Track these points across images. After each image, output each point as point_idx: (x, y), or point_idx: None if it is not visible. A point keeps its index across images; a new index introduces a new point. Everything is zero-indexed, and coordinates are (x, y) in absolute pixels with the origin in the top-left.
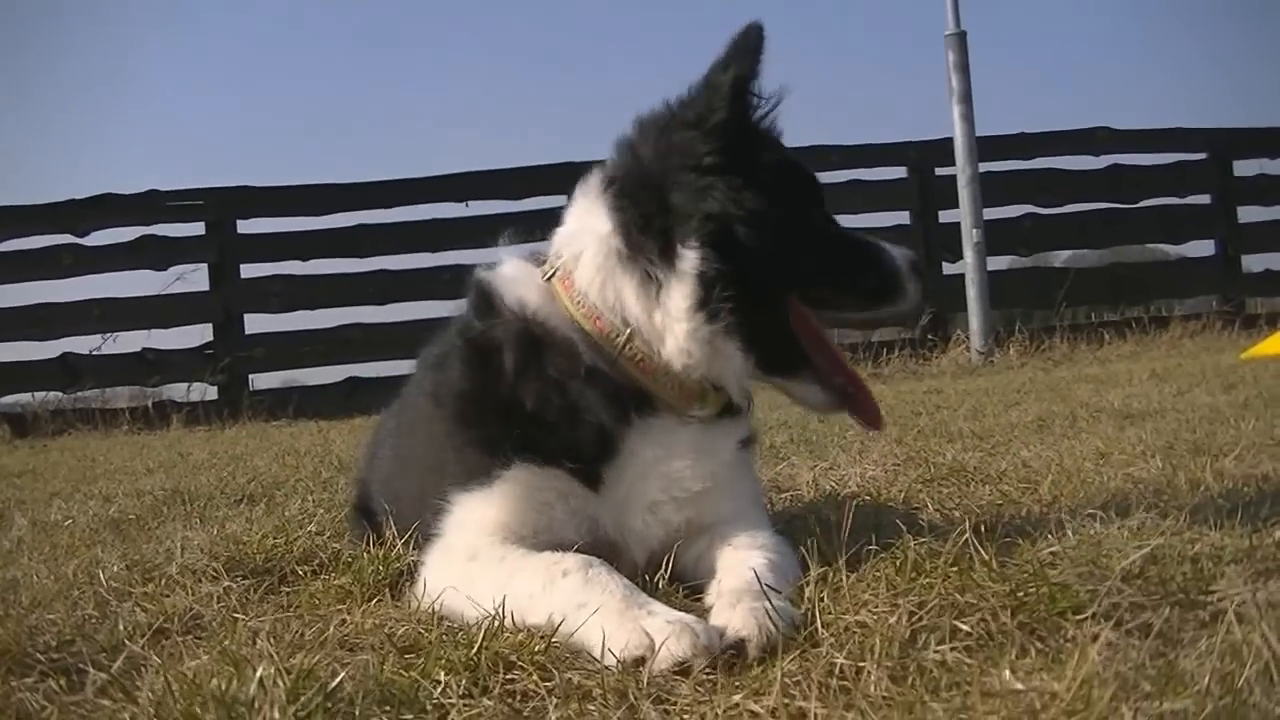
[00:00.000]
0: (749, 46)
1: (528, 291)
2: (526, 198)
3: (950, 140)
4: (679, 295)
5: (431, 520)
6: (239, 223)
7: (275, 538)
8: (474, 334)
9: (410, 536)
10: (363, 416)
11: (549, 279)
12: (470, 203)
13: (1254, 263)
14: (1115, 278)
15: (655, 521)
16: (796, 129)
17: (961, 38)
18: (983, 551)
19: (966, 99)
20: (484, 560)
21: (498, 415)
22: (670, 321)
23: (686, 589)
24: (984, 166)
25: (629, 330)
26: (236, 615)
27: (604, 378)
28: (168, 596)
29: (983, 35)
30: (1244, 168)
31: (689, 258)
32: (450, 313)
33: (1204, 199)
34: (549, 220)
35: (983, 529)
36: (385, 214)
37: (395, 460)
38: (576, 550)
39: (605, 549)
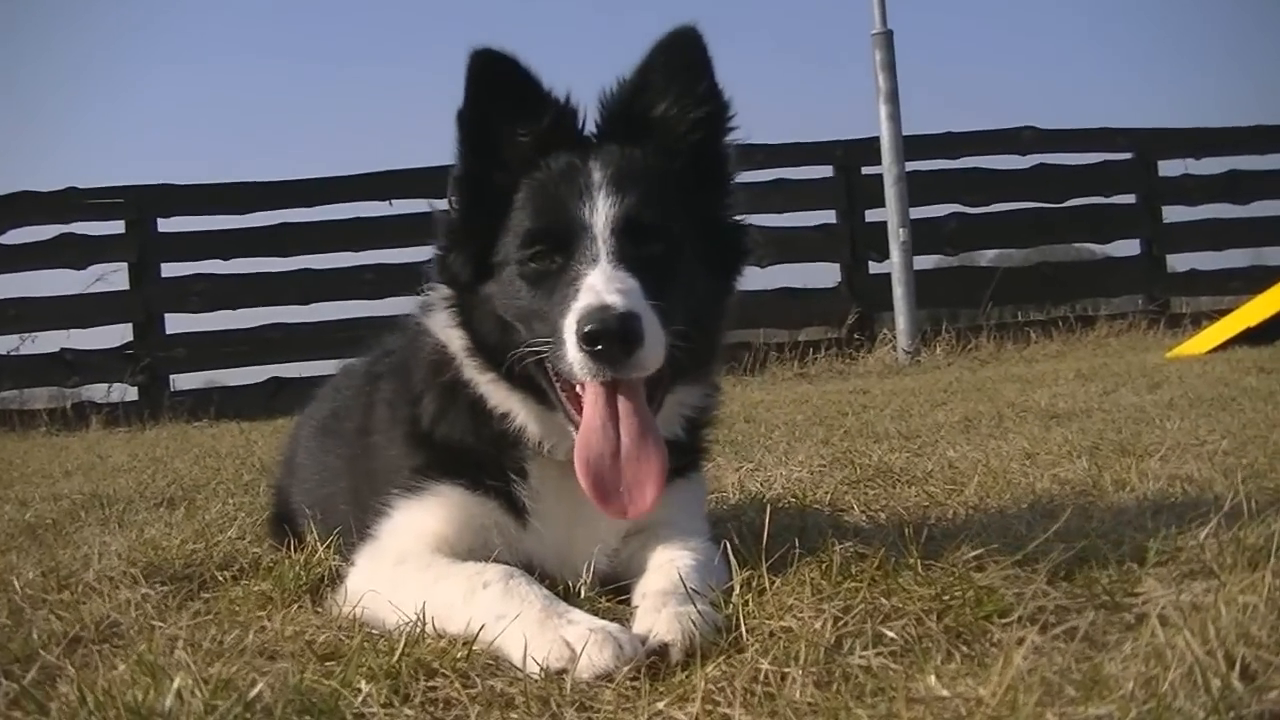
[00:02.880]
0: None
1: (444, 335)
2: None
3: (877, 139)
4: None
5: (366, 522)
6: (159, 221)
7: (195, 543)
8: (406, 363)
9: (333, 542)
10: (286, 418)
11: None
12: (394, 201)
13: (1178, 262)
14: (1041, 277)
15: (602, 556)
16: None
17: (888, 36)
18: (909, 555)
19: (893, 98)
20: (411, 565)
21: (434, 443)
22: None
23: (612, 590)
24: (910, 165)
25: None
26: (154, 623)
27: (490, 412)
28: (84, 604)
29: (909, 34)
30: (1169, 168)
31: None
32: (375, 314)
33: (1129, 199)
34: None
35: (909, 532)
36: (308, 212)
37: (323, 466)
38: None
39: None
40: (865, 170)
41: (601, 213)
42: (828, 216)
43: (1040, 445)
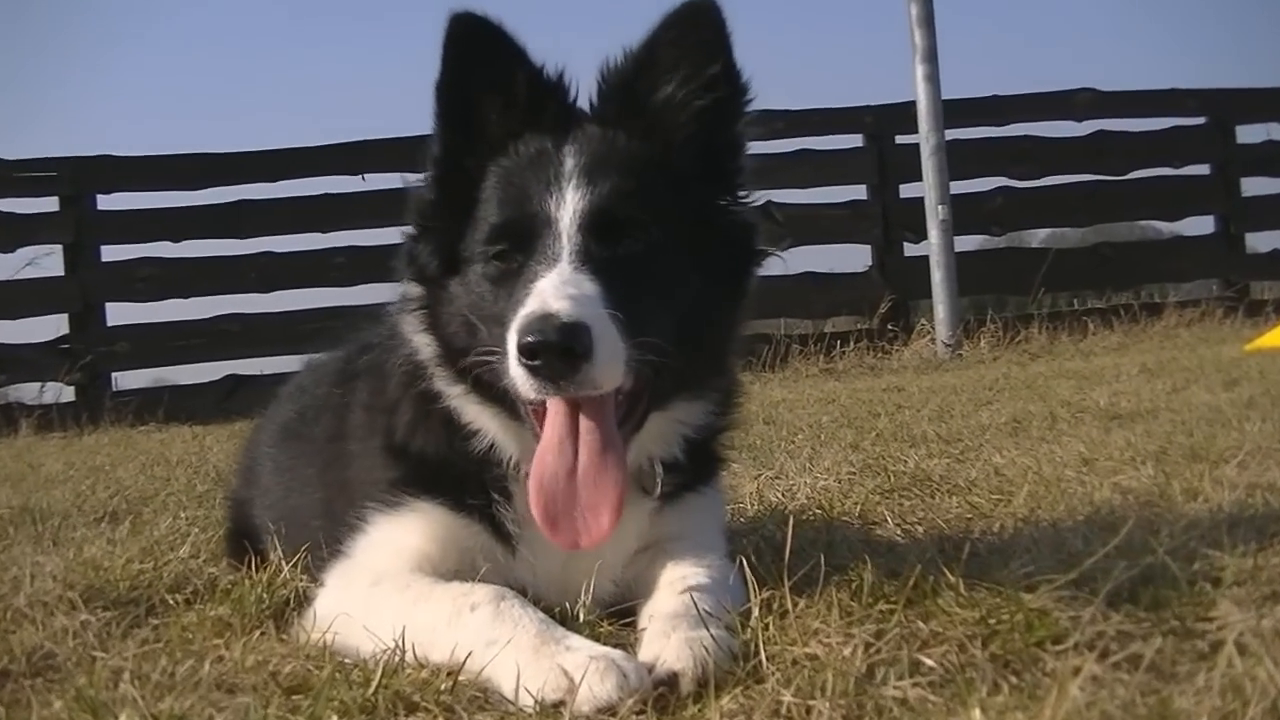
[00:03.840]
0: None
1: (415, 340)
2: None
3: (913, 104)
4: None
5: (338, 538)
6: (99, 197)
7: (142, 562)
8: (383, 364)
9: (300, 560)
10: (244, 420)
11: None
12: (367, 176)
13: (1259, 241)
14: (1100, 259)
15: (604, 582)
16: None
17: None
18: (949, 573)
19: (931, 57)
20: (387, 586)
21: (411, 457)
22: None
23: (615, 613)
24: (951, 134)
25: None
26: (95, 653)
27: (465, 426)
28: (14, 633)
29: None
30: (1248, 133)
31: None
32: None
33: (1202, 169)
34: None
35: (949, 547)
36: (270, 188)
37: (289, 475)
38: None
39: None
40: (899, 139)
41: (569, 205)
42: (857, 192)
43: (1099, 450)
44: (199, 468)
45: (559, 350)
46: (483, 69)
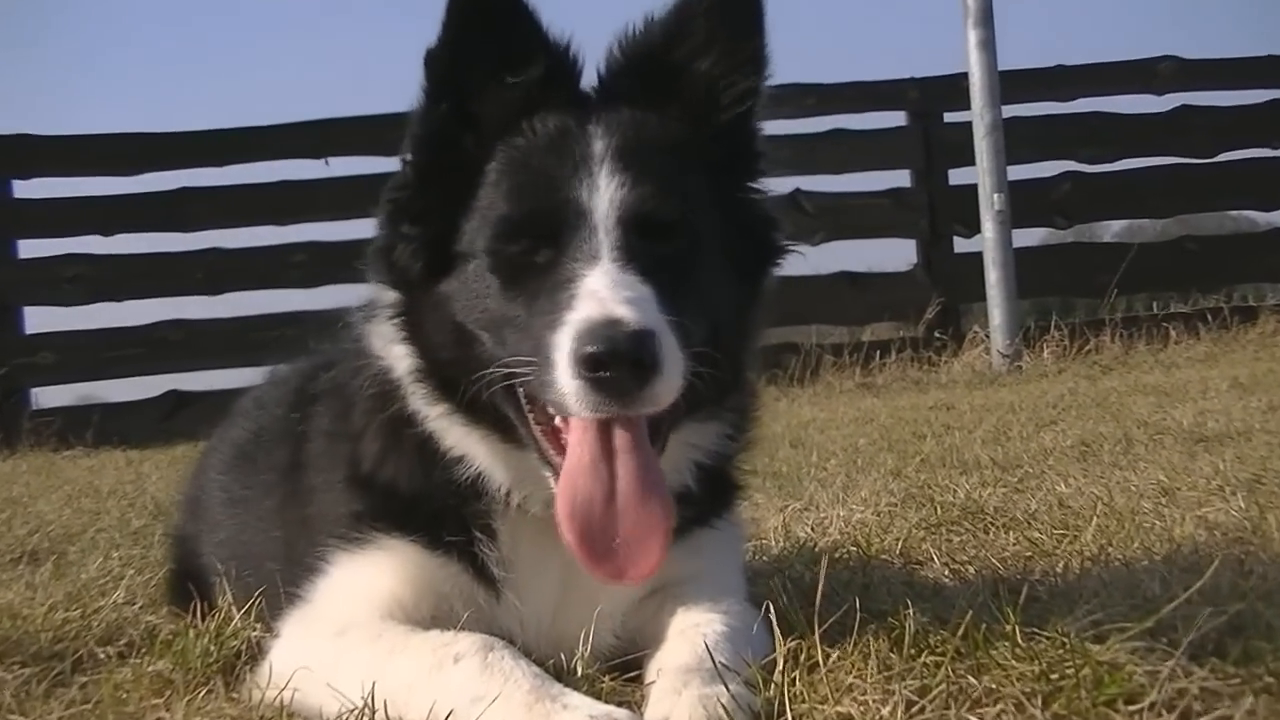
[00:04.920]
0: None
1: (388, 354)
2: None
3: (964, 76)
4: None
5: (297, 580)
6: (15, 183)
7: (68, 610)
8: (345, 384)
9: (254, 607)
10: (189, 444)
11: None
12: (331, 159)
13: None
14: (1184, 255)
15: (603, 633)
16: None
17: None
18: (1005, 620)
19: (986, 20)
20: (355, 636)
21: (379, 490)
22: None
23: (619, 665)
24: (1009, 110)
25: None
26: (13, 716)
27: (434, 446)
28: None
29: None
30: None
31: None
32: (308, 307)
33: None
34: None
35: (1005, 590)
36: (218, 174)
37: (240, 509)
38: None
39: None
40: (949, 117)
41: (604, 195)
42: (899, 178)
43: (1181, 478)
44: (135, 499)
45: (631, 362)
46: (490, 34)
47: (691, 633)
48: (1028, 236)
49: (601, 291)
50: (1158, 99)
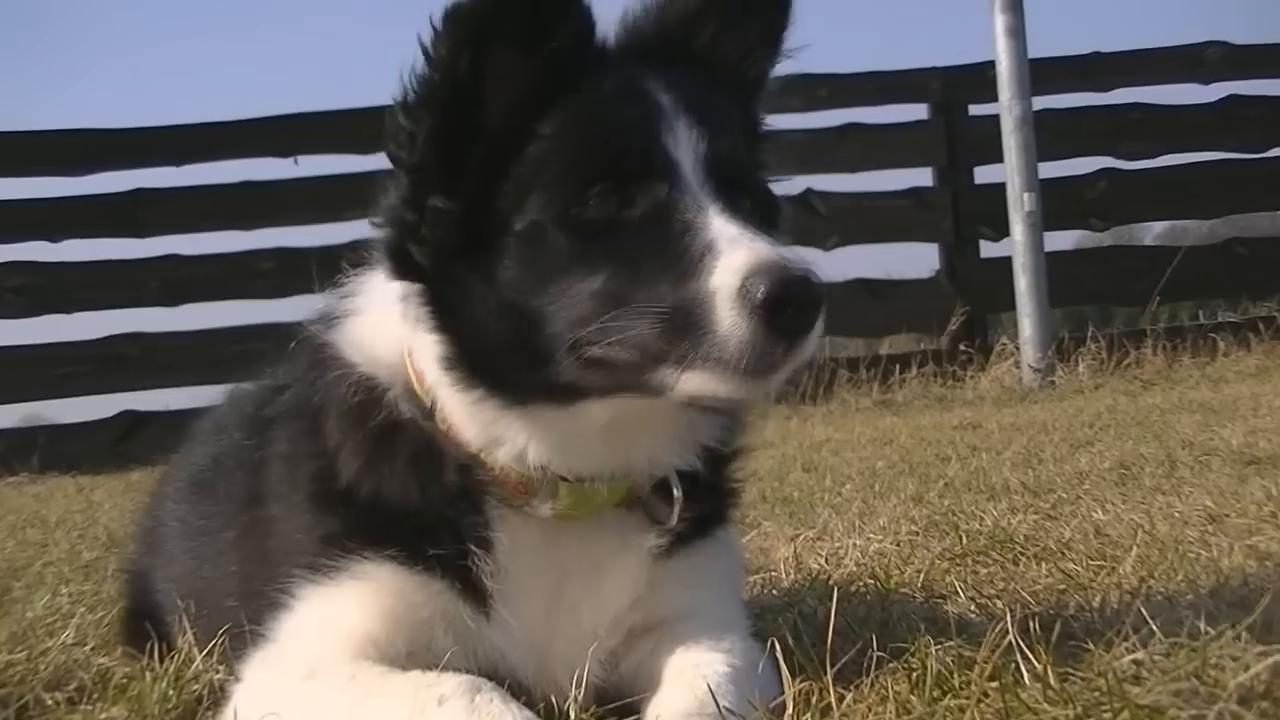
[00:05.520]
0: None
1: (372, 347)
2: (380, 150)
3: (991, 65)
4: (417, 340)
5: (258, 619)
6: None
7: (12, 651)
8: (307, 401)
9: (216, 647)
10: (143, 468)
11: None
12: (301, 158)
13: None
14: (1233, 259)
15: (596, 661)
16: None
17: None
18: (1036, 659)
19: (1015, 4)
20: (327, 677)
21: (357, 504)
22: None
23: (615, 709)
24: (1039, 102)
25: (431, 385)
26: None
27: (442, 460)
28: None
29: None
30: None
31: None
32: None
33: None
34: None
35: (1036, 626)
36: (177, 174)
37: (200, 541)
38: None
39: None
40: (974, 109)
41: (689, 147)
42: (920, 177)
43: (1230, 503)
44: (85, 530)
45: (809, 303)
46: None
47: (692, 674)
48: (1061, 240)
49: (744, 237)
50: (1204, 88)
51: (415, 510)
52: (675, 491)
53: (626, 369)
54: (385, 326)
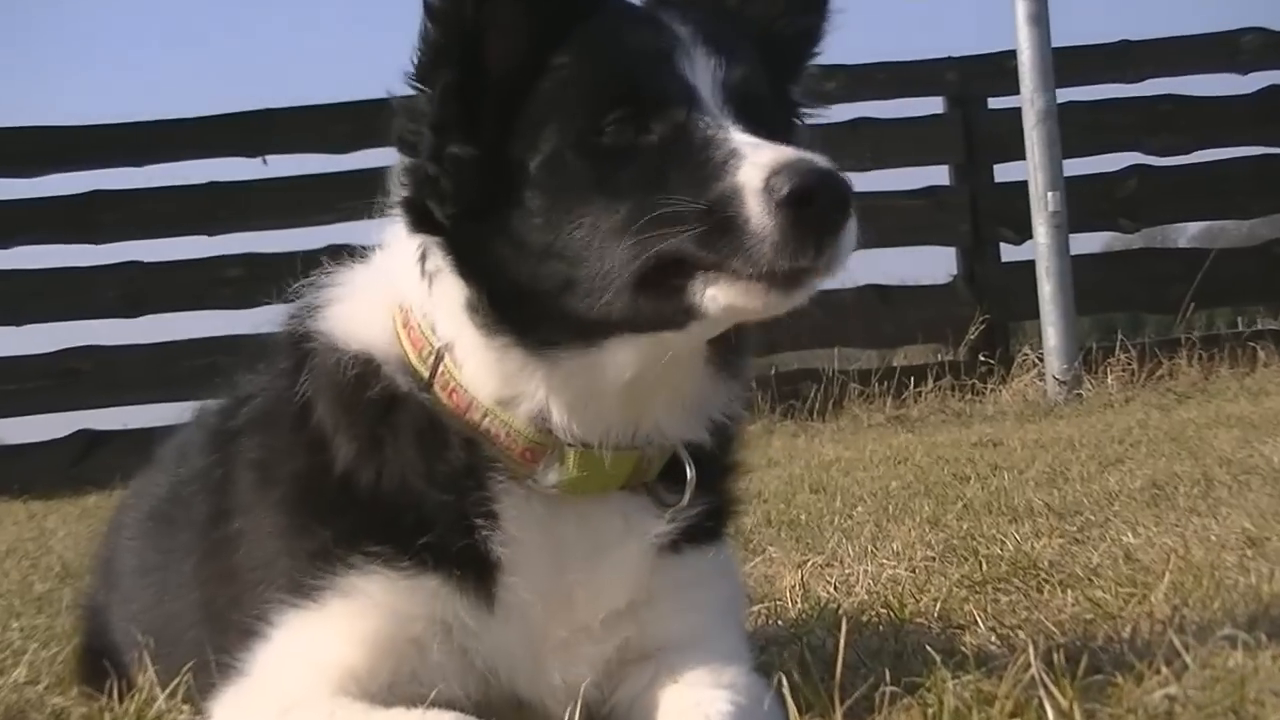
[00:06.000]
0: None
1: (360, 326)
2: (358, 148)
3: (1012, 55)
4: (437, 291)
5: (229, 651)
6: None
7: None
8: (288, 398)
9: (179, 684)
10: (100, 492)
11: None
12: (270, 157)
13: None
14: (1273, 262)
15: (579, 661)
16: None
17: None
18: (1061, 695)
19: None
20: (303, 716)
21: (354, 499)
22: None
23: None
24: (1064, 94)
25: (438, 347)
26: None
27: (445, 434)
28: None
29: None
30: None
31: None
32: (243, 331)
33: None
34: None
35: (1062, 659)
36: (136, 174)
37: (162, 571)
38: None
39: (506, 710)
40: (994, 102)
41: (707, 73)
42: (936, 175)
43: (1271, 526)
44: (38, 559)
45: (837, 195)
46: None
47: (693, 714)
48: (1088, 242)
49: (760, 143)
50: (1241, 79)
51: (419, 491)
52: (689, 471)
53: (655, 291)
54: (373, 305)
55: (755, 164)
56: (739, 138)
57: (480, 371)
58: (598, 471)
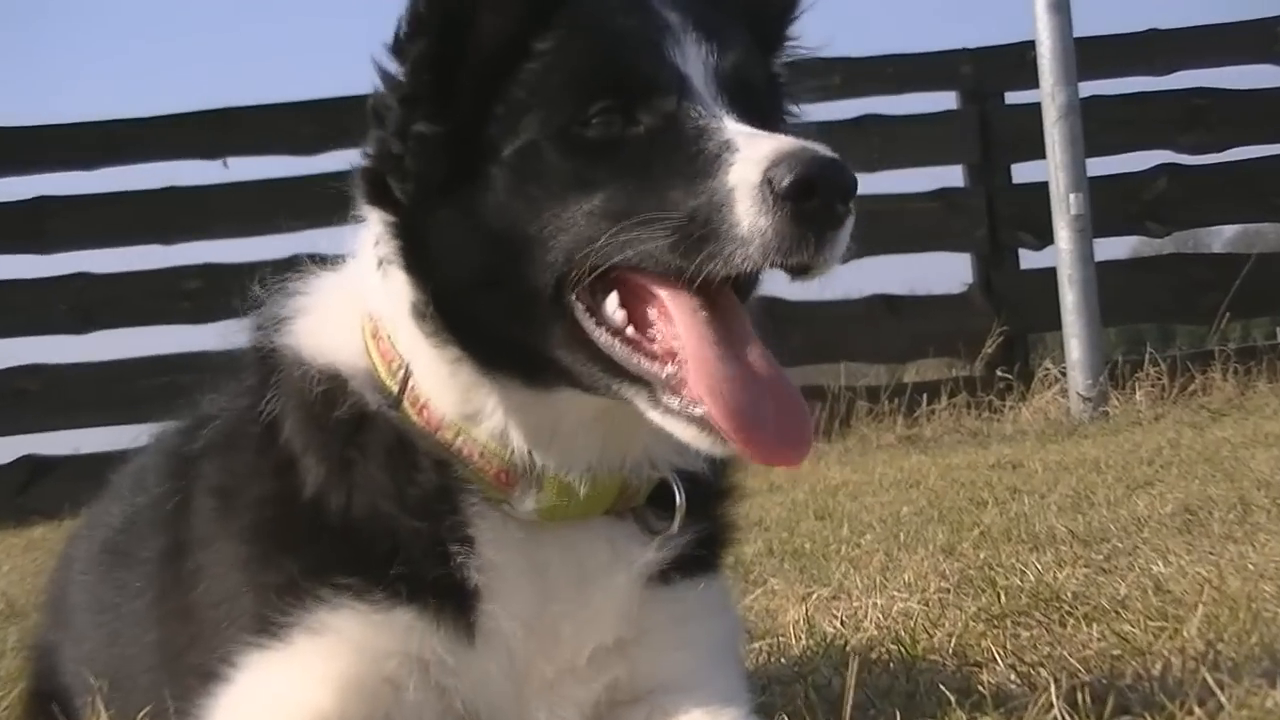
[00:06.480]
0: None
1: (328, 339)
2: (327, 149)
3: (1031, 45)
4: (387, 295)
5: (187, 697)
6: None
7: None
8: (253, 419)
9: None
10: (47, 523)
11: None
12: (230, 159)
13: None
14: None
15: (565, 703)
16: None
17: None
18: None
19: None
20: None
21: (303, 530)
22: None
23: None
24: (1088, 87)
25: (406, 361)
26: None
27: (415, 455)
28: None
29: None
30: None
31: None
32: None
33: None
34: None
35: (1086, 699)
36: (86, 179)
37: (116, 610)
38: None
39: None
40: (1011, 97)
41: (699, 60)
42: (950, 176)
43: None
44: None
45: (840, 188)
46: None
47: None
48: (1114, 247)
49: (758, 134)
50: (1279, 70)
51: (390, 516)
52: (678, 497)
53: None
54: (342, 316)
55: (750, 159)
56: (733, 127)
57: (437, 386)
58: (578, 498)
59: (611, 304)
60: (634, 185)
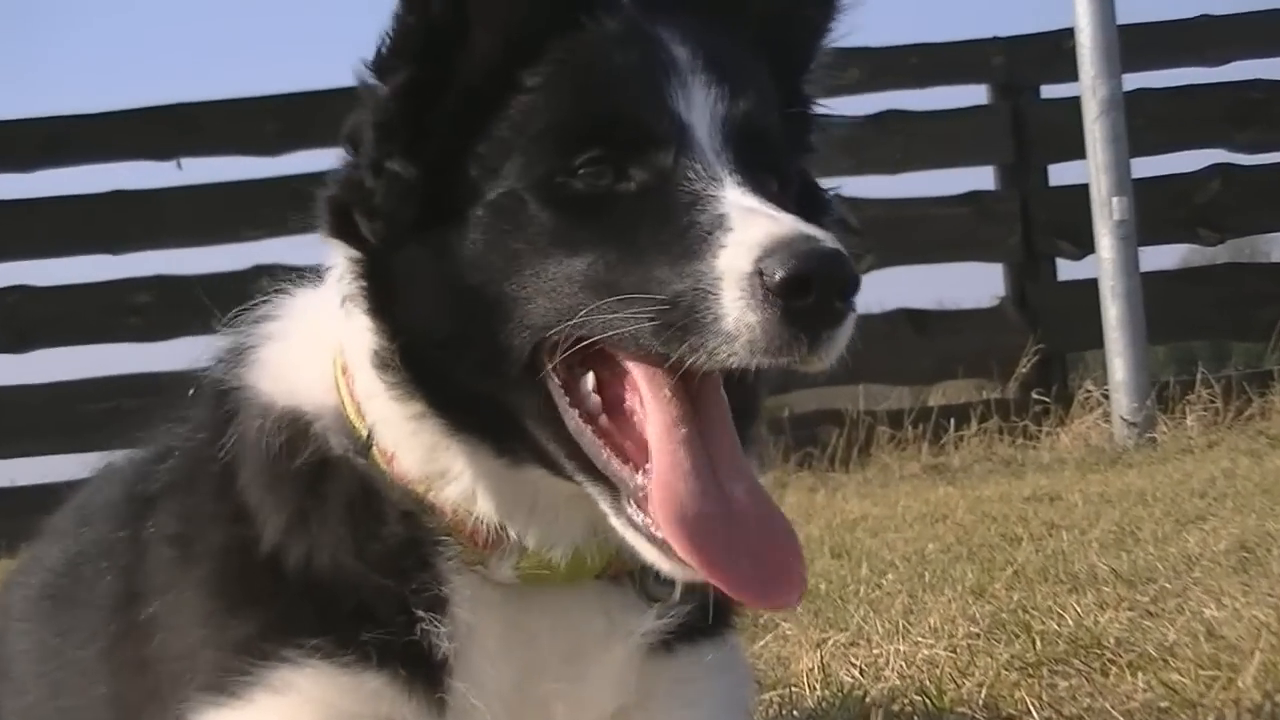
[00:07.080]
0: None
1: (295, 375)
2: (291, 150)
3: (1070, 34)
4: (349, 336)
5: None
6: None
7: None
8: (209, 461)
9: None
10: None
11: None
12: (185, 160)
13: None
14: None
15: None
16: None
17: None
18: None
19: None
20: None
21: (284, 580)
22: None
23: None
24: (1132, 80)
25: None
26: None
27: (371, 499)
28: None
29: None
30: None
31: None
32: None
33: None
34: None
35: None
36: (25, 181)
37: (57, 664)
38: None
39: None
40: (1047, 91)
41: (703, 108)
42: (980, 178)
43: None
44: None
45: (839, 286)
46: None
47: None
48: (1161, 256)
49: (764, 209)
50: None
51: (352, 575)
52: None
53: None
54: (312, 346)
55: (742, 243)
56: (731, 198)
57: (400, 440)
58: (560, 568)
59: (588, 384)
60: (618, 254)
